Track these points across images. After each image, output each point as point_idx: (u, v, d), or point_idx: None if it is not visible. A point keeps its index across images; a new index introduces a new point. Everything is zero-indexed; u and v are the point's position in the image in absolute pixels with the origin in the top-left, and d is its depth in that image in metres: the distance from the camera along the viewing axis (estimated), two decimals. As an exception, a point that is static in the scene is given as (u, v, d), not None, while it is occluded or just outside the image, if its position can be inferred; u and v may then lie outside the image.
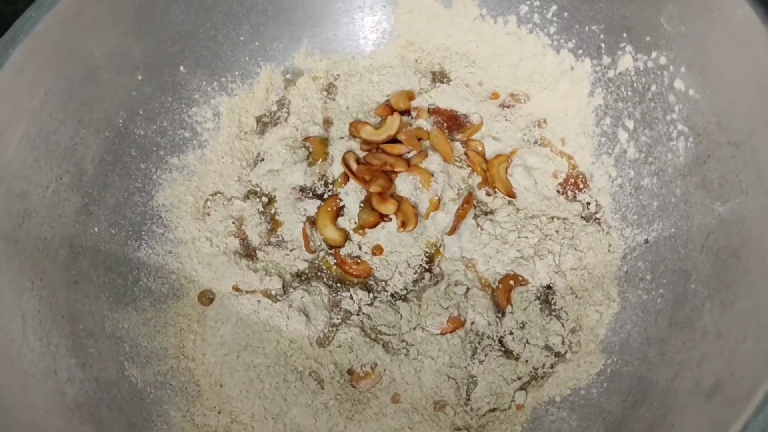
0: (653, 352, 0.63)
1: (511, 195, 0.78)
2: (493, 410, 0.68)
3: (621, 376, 0.65)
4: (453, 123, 0.83)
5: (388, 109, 0.83)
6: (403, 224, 0.75)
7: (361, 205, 0.77)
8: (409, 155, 0.80)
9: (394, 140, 0.80)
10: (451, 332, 0.70)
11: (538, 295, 0.73)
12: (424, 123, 0.82)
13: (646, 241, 0.71)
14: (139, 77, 0.76)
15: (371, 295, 0.74)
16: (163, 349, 0.71)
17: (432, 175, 0.77)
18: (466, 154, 0.80)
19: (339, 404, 0.67)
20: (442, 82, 0.86)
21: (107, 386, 0.64)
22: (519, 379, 0.69)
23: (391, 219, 0.76)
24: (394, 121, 0.81)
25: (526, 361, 0.70)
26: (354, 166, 0.78)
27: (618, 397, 0.63)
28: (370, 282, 0.75)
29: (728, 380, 0.51)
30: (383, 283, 0.75)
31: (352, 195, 0.78)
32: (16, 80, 0.64)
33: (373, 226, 0.76)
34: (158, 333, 0.72)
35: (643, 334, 0.66)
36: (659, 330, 0.64)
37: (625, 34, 0.74)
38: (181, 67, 0.80)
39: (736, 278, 0.58)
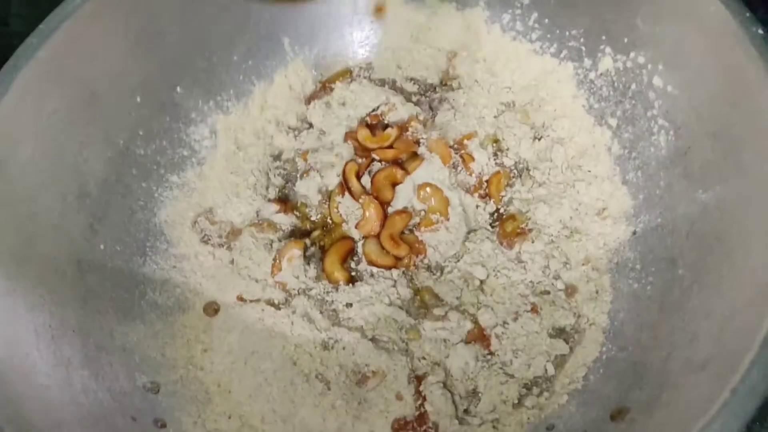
0: (646, 336, 0.65)
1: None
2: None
3: (617, 361, 0.67)
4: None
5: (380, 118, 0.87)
6: (416, 266, 0.78)
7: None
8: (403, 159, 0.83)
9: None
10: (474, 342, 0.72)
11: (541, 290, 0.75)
12: (420, 128, 0.84)
13: (634, 233, 0.74)
14: (138, 99, 0.79)
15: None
16: (173, 360, 0.73)
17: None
18: (461, 157, 0.83)
19: (346, 404, 0.69)
20: (434, 92, 0.89)
21: (120, 396, 0.66)
22: (519, 395, 0.70)
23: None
24: (392, 132, 0.84)
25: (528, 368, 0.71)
26: (354, 182, 0.80)
27: (615, 381, 0.65)
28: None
29: (718, 355, 0.53)
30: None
31: (348, 203, 0.81)
32: (21, 105, 0.66)
33: (388, 268, 0.77)
34: (166, 345, 0.74)
35: (636, 321, 0.68)
36: (651, 315, 0.67)
37: (603, 37, 0.78)
38: (178, 88, 0.83)
39: (720, 260, 0.60)
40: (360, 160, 0.82)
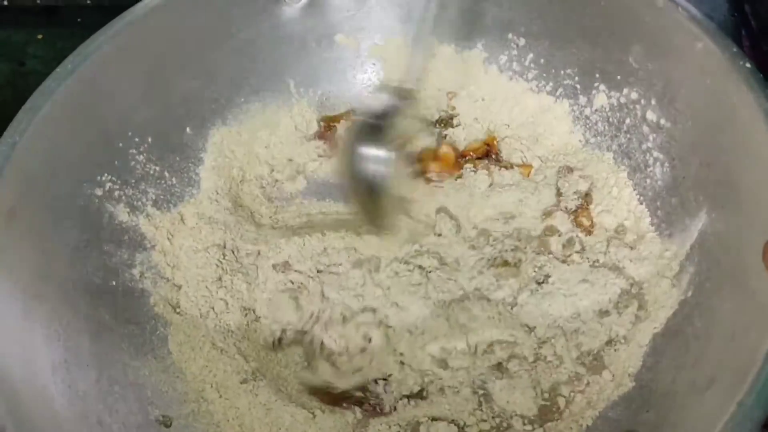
0: (651, 361, 0.67)
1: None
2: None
3: (623, 386, 0.68)
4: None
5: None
6: None
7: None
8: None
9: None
10: None
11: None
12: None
13: (634, 262, 0.76)
14: (150, 139, 0.81)
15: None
16: (183, 394, 0.73)
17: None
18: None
19: (356, 434, 0.70)
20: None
21: (134, 430, 0.66)
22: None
23: None
24: None
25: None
26: None
27: (621, 405, 0.66)
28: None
29: (721, 375, 0.55)
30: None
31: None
32: (37, 145, 0.68)
33: None
34: (177, 379, 0.74)
35: (641, 346, 0.70)
36: (655, 340, 0.68)
37: (597, 75, 0.81)
38: (188, 129, 0.85)
39: (719, 285, 0.63)
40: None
